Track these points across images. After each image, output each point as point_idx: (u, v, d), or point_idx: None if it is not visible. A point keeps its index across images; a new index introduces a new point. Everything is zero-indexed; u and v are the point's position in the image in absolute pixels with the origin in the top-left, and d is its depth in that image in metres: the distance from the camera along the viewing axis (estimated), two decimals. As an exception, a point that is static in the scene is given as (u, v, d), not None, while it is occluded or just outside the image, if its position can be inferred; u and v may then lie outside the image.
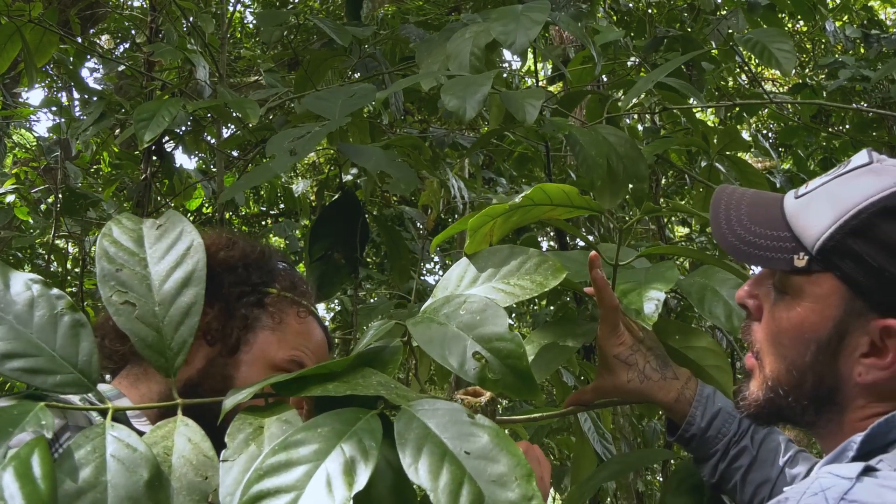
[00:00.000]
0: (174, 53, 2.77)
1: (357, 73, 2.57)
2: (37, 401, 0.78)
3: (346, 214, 1.96)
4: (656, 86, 2.01)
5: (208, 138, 3.79)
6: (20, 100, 4.70)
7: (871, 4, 5.03)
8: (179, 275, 0.92)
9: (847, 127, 4.34)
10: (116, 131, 3.71)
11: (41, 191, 3.93)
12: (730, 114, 4.05)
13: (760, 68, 5.91)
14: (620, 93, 2.15)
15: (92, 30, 4.85)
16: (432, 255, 4.48)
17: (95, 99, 3.14)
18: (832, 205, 0.86)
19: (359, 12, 2.67)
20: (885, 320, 0.83)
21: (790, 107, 4.43)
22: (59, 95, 4.21)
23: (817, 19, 3.47)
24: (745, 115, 4.55)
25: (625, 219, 2.35)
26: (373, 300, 4.01)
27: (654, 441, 3.99)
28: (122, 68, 3.93)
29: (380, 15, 3.38)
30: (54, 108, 3.73)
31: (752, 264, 0.96)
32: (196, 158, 4.56)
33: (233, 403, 0.82)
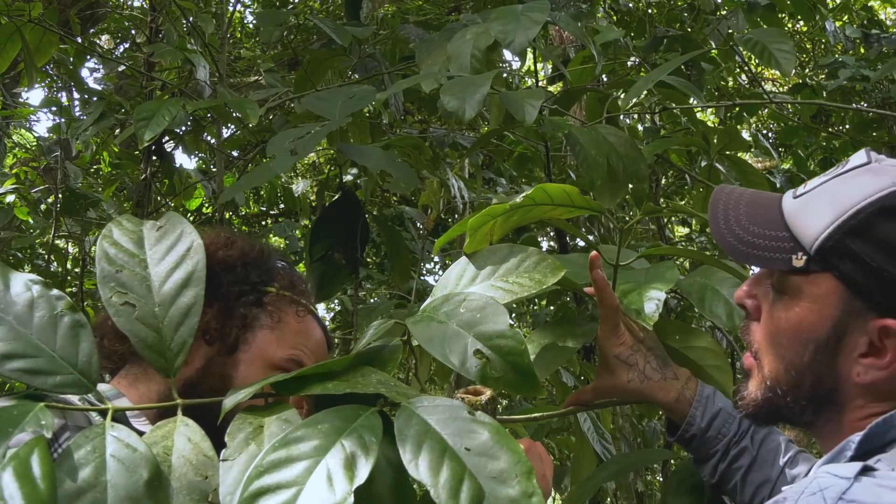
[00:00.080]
0: (174, 54, 2.77)
1: (357, 74, 2.57)
2: (37, 401, 0.78)
3: (347, 214, 1.96)
4: (656, 85, 2.01)
5: (208, 138, 3.79)
6: (20, 100, 4.69)
7: (871, 4, 5.03)
8: (179, 276, 0.92)
9: (847, 127, 4.34)
10: (116, 131, 3.71)
11: (41, 191, 3.93)
12: (730, 114, 4.05)
13: (760, 68, 5.90)
14: (620, 92, 2.14)
15: (92, 30, 4.84)
16: (433, 256, 4.48)
17: (95, 99, 3.14)
18: (830, 205, 0.86)
19: (358, 12, 2.67)
20: (884, 320, 0.83)
21: (790, 107, 4.43)
22: (59, 95, 4.20)
23: (817, 19, 3.46)
24: (745, 115, 4.55)
25: (625, 219, 2.35)
26: (373, 300, 4.01)
27: (654, 441, 3.99)
28: (122, 68, 3.93)
29: (380, 15, 3.38)
30: (54, 108, 3.73)
31: (751, 264, 0.96)
32: (196, 158, 4.56)
33: (233, 403, 0.82)
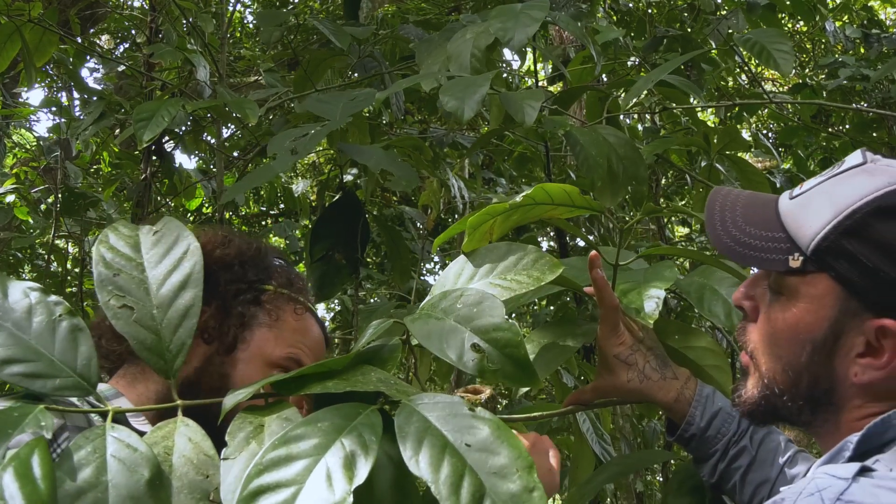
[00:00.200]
0: (174, 54, 2.77)
1: (356, 73, 2.57)
2: (36, 402, 0.78)
3: (347, 214, 1.96)
4: (657, 85, 2.01)
5: (208, 138, 3.79)
6: (20, 100, 4.69)
7: (871, 4, 5.03)
8: (177, 278, 0.93)
9: (847, 127, 4.34)
10: (116, 131, 3.71)
11: (41, 191, 3.93)
12: (730, 114, 4.05)
13: (760, 68, 5.90)
14: (620, 91, 2.15)
15: (92, 30, 4.84)
16: (432, 255, 4.48)
17: (95, 99, 3.15)
18: (826, 205, 0.87)
19: (357, 12, 2.67)
20: (881, 320, 0.83)
21: (790, 107, 4.43)
22: (59, 95, 4.20)
23: (817, 19, 3.46)
24: (745, 115, 4.54)
25: (625, 219, 2.35)
26: (373, 300, 4.01)
27: (654, 441, 3.98)
28: (122, 68, 3.93)
29: (379, 15, 3.38)
30: (54, 108, 3.73)
31: (748, 265, 0.96)
32: (196, 158, 4.56)
33: (233, 403, 0.82)
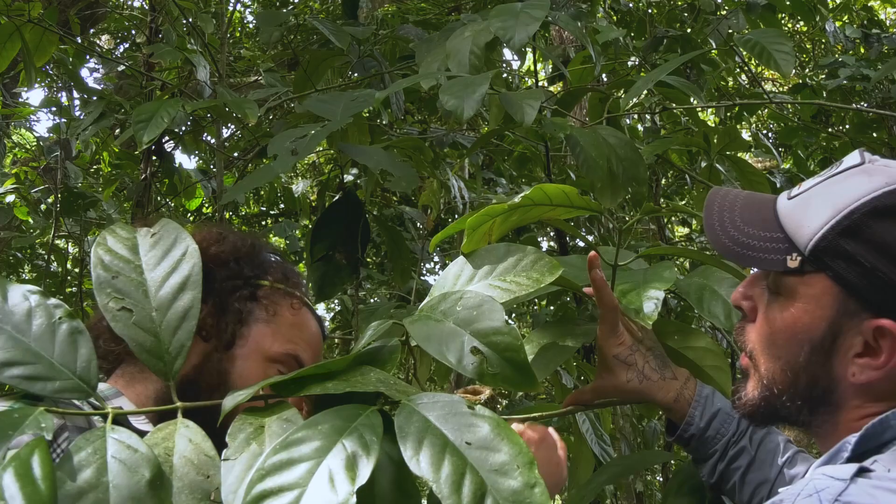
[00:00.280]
0: (174, 54, 2.77)
1: (356, 73, 2.57)
2: (36, 402, 0.78)
3: (348, 215, 1.96)
4: (657, 85, 2.01)
5: (208, 138, 3.79)
6: (20, 100, 4.69)
7: (871, 4, 5.02)
8: (175, 280, 0.93)
9: (847, 127, 4.34)
10: (116, 131, 3.71)
11: (41, 191, 3.93)
12: (730, 114, 4.05)
13: (760, 68, 5.90)
14: (621, 92, 2.15)
15: (92, 30, 4.84)
16: (433, 256, 4.48)
17: (95, 99, 3.14)
18: (824, 205, 0.87)
19: (356, 12, 2.66)
20: (878, 320, 0.83)
21: (790, 107, 4.43)
22: (59, 95, 4.20)
23: (817, 20, 3.46)
24: (746, 115, 4.54)
25: (625, 219, 2.35)
26: (373, 300, 4.01)
27: (654, 441, 3.98)
28: (122, 68, 3.93)
29: (379, 15, 3.38)
30: (54, 108, 3.73)
31: (746, 265, 0.96)
32: (196, 158, 4.55)
33: (232, 404, 0.82)
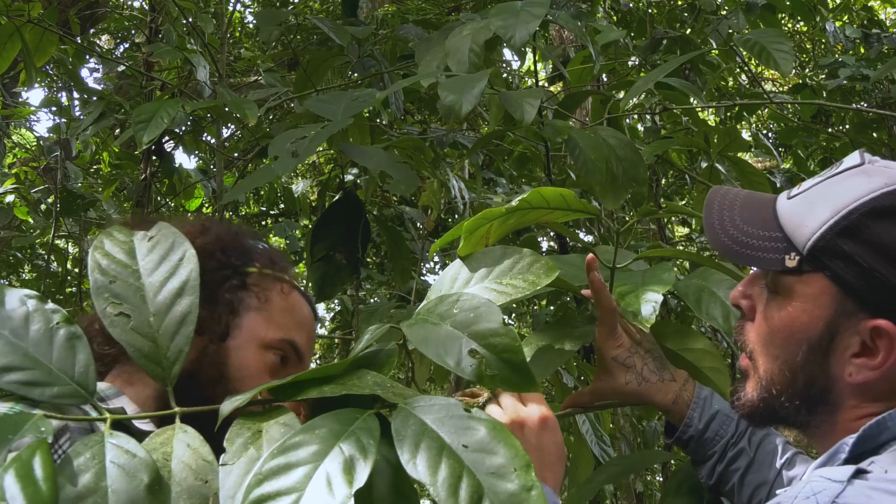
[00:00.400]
0: (174, 54, 2.77)
1: (356, 73, 2.57)
2: (35, 406, 0.78)
3: (348, 215, 1.96)
4: (657, 86, 2.01)
5: (208, 138, 3.79)
6: (20, 100, 4.69)
7: (871, 4, 5.02)
8: (173, 285, 0.92)
9: (847, 127, 4.33)
10: (116, 131, 3.71)
11: (41, 191, 3.93)
12: (730, 114, 4.04)
13: (760, 68, 5.90)
14: (621, 93, 2.15)
15: (92, 30, 4.84)
16: (433, 256, 4.48)
17: (95, 99, 3.14)
18: (823, 205, 0.87)
19: (355, 11, 2.66)
20: (876, 321, 0.84)
21: (790, 107, 4.43)
22: (59, 95, 4.20)
23: (817, 20, 3.46)
24: (745, 115, 4.54)
25: (624, 219, 2.35)
26: (373, 300, 4.01)
27: (654, 442, 3.98)
28: (122, 68, 3.93)
29: (379, 15, 3.38)
30: (54, 108, 3.73)
31: (745, 264, 0.96)
32: (196, 158, 4.55)
33: (230, 409, 0.82)
